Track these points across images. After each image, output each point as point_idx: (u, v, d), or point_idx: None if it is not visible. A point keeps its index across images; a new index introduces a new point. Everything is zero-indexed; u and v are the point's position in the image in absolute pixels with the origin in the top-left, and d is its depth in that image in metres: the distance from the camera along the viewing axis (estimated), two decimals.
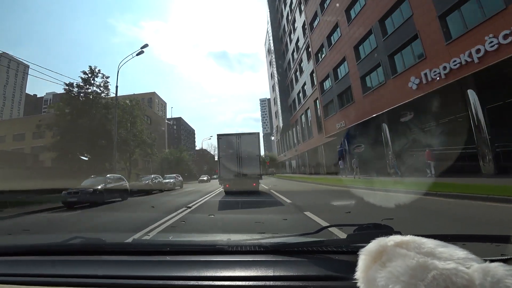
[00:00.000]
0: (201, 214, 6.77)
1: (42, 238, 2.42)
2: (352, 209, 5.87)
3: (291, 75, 42.36)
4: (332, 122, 22.31)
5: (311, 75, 31.61)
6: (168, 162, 42.72)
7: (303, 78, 35.18)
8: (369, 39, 17.03)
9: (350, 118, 19.18)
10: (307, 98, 33.50)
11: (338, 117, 21.04)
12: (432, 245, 0.58)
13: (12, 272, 1.01)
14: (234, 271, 0.90)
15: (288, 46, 43.56)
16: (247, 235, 1.43)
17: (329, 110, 23.29)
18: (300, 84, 36.57)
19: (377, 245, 0.64)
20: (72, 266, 1.03)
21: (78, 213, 8.99)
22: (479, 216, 4.67)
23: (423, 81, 12.44)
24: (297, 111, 39.89)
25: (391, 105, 14.83)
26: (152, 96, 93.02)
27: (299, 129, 39.18)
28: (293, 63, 40.15)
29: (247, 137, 11.19)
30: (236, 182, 11.02)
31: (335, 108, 21.74)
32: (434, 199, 6.50)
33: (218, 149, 11.45)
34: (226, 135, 11.67)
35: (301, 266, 0.92)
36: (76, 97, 21.75)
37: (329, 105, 23.14)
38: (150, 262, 1.02)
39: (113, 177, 13.51)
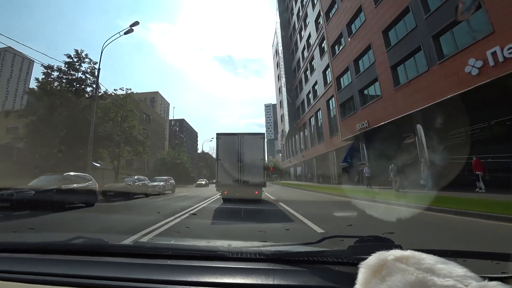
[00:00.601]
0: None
1: (44, 236, 2.57)
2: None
3: (300, 75, 39.43)
4: (350, 122, 19.12)
5: (324, 73, 28.65)
6: (165, 163, 39.60)
7: (314, 77, 32.20)
8: (404, 19, 13.97)
9: (376, 117, 15.99)
10: (318, 99, 30.43)
11: (359, 116, 17.87)
12: (431, 261, 0.58)
13: (14, 269, 1.00)
14: (234, 278, 0.89)
15: (298, 45, 40.81)
16: (248, 243, 1.44)
17: (347, 109, 20.14)
18: (311, 83, 33.57)
19: (377, 258, 0.63)
20: (73, 266, 1.03)
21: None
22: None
23: (490, 62, 9.28)
24: (305, 114, 36.80)
25: (434, 99, 11.64)
26: (155, 96, 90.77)
27: (307, 133, 36.01)
28: (303, 62, 37.28)
29: (250, 138, 9.73)
30: (236, 189, 9.59)
31: (355, 106, 18.60)
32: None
33: (216, 150, 9.93)
34: (226, 134, 10.11)
35: (301, 275, 0.91)
36: (55, 81, 18.87)
37: (347, 103, 19.99)
38: (150, 266, 1.02)
39: (75, 176, 10.42)
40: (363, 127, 17.22)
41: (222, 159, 9.68)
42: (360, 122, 17.50)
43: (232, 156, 9.53)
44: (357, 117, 18.11)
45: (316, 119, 31.77)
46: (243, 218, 6.62)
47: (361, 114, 17.77)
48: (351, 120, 19.09)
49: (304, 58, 36.98)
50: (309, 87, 34.55)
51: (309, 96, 35.34)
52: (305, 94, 36.32)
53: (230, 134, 10.04)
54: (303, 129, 38.51)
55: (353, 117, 18.79)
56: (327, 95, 27.30)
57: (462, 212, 5.86)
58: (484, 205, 6.18)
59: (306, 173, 38.33)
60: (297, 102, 42.08)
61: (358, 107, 18.15)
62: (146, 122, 50.43)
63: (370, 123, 16.59)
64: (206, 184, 33.90)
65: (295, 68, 43.12)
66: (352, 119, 18.92)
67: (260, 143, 9.74)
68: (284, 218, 6.51)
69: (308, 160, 36.00)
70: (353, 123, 18.54)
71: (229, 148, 9.62)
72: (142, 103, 49.69)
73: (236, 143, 9.59)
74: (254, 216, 6.91)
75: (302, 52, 38.09)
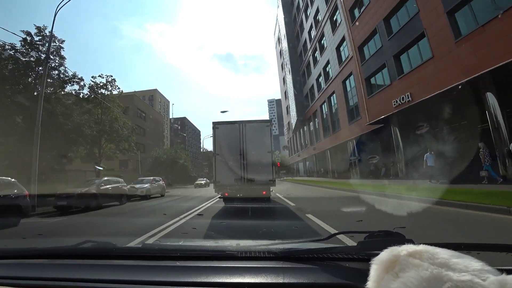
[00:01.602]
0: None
1: (54, 241, 2.82)
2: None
3: (307, 59, 35.14)
4: (382, 99, 14.92)
5: (338, 49, 24.38)
6: (161, 162, 35.77)
7: (325, 56, 27.93)
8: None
9: (423, 86, 11.79)
10: (331, 81, 26.18)
11: (395, 90, 13.67)
12: (446, 256, 0.56)
13: (25, 275, 1.00)
14: (243, 278, 0.89)
15: (303, 25, 36.49)
16: (257, 241, 1.42)
17: (376, 83, 15.89)
18: (321, 65, 29.30)
19: (389, 254, 0.62)
20: (82, 270, 1.03)
21: None
22: None
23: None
24: (315, 101, 32.56)
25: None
26: (154, 94, 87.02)
27: (319, 123, 31.80)
28: (311, 43, 33.00)
29: (254, 127, 8.26)
30: (239, 190, 8.05)
31: (388, 78, 14.36)
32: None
33: (213, 143, 8.45)
34: (225, 123, 8.60)
35: (311, 273, 0.90)
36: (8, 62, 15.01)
37: (376, 76, 15.75)
38: (159, 267, 1.01)
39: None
40: (403, 102, 13.00)
41: (220, 153, 8.15)
42: (399, 96, 13.29)
43: (233, 149, 8.07)
44: (393, 91, 13.90)
45: (330, 105, 27.54)
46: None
47: (398, 86, 13.56)
48: (383, 96, 14.87)
49: (312, 39, 32.68)
50: (319, 69, 30.27)
51: (319, 80, 31.08)
52: (314, 79, 32.05)
53: (230, 123, 8.48)
54: (313, 119, 34.30)
55: (386, 91, 14.56)
56: (343, 74, 23.07)
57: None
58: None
59: (318, 168, 34.18)
60: (305, 90, 37.84)
61: (393, 78, 13.92)
62: (141, 119, 46.62)
63: (414, 95, 12.37)
64: (206, 183, 30.00)
65: (301, 52, 38.81)
66: (384, 95, 14.70)
67: (266, 132, 8.19)
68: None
69: (320, 153, 31.82)
70: (387, 99, 14.34)
71: (229, 140, 8.18)
72: (136, 99, 45.88)
73: (237, 133, 8.12)
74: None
75: (309, 32, 33.78)
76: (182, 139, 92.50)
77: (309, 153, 37.16)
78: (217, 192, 8.36)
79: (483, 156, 9.54)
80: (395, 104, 13.52)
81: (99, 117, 20.92)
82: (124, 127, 21.83)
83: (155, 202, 13.32)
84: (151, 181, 16.42)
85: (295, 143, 47.59)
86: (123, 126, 21.87)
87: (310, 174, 38.09)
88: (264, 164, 7.90)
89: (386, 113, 14.19)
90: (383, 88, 14.79)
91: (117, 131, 20.52)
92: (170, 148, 42.63)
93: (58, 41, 17.62)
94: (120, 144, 21.53)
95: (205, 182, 30.31)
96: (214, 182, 8.28)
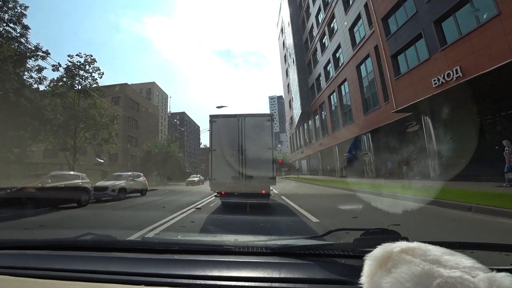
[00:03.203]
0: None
1: (55, 233, 2.87)
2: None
3: (314, 46, 32.03)
4: (416, 78, 11.88)
5: (351, 31, 21.35)
6: (152, 156, 32.76)
7: (335, 40, 24.86)
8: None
9: (483, 55, 8.74)
10: (342, 67, 23.13)
11: (438, 63, 10.62)
12: (438, 253, 0.58)
13: (26, 265, 1.01)
14: (240, 272, 0.90)
15: (310, 10, 33.39)
16: (254, 237, 1.48)
17: (407, 60, 12.81)
18: (330, 51, 26.24)
19: (382, 250, 0.63)
20: (83, 262, 1.03)
21: None
22: None
23: None
24: (322, 92, 29.52)
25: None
26: (152, 87, 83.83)
27: (326, 116, 28.79)
28: (318, 27, 29.90)
29: (254, 121, 7.60)
30: (237, 187, 7.36)
31: (427, 50, 11.28)
32: None
33: (210, 137, 7.73)
34: (223, 116, 7.97)
35: (307, 268, 0.91)
36: None
37: (407, 50, 12.65)
38: (158, 260, 1.02)
39: None
40: (448, 80, 9.97)
41: (217, 148, 7.59)
42: (441, 72, 10.26)
43: (231, 144, 7.57)
44: (433, 67, 10.87)
45: (340, 95, 24.51)
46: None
47: (441, 60, 10.52)
48: (416, 75, 11.81)
49: (319, 23, 29.59)
50: (327, 56, 27.20)
51: (327, 68, 28.03)
52: (322, 67, 28.97)
53: (228, 116, 7.96)
54: (319, 112, 31.28)
55: (421, 68, 11.50)
56: (357, 58, 20.06)
57: None
58: None
59: (324, 166, 31.23)
60: (310, 81, 34.79)
61: (434, 50, 10.85)
62: (134, 110, 43.45)
63: (466, 69, 9.32)
64: (200, 181, 27.03)
65: (306, 39, 35.69)
66: (419, 73, 11.65)
67: (267, 127, 7.57)
68: None
69: (326, 149, 28.84)
70: (423, 78, 11.31)
71: (227, 134, 7.66)
72: (129, 88, 42.76)
73: (235, 127, 7.61)
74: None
75: (316, 16, 30.68)
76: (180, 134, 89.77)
77: (313, 150, 34.18)
78: (213, 190, 7.78)
79: (508, 155, 8.21)
80: (436, 83, 10.49)
81: (75, 102, 17.98)
82: (104, 115, 18.84)
83: (121, 204, 10.42)
84: (127, 177, 13.45)
85: (298, 139, 44.60)
86: (103, 113, 18.88)
87: (314, 172, 35.14)
88: (264, 161, 7.40)
89: (423, 96, 11.12)
90: (418, 65, 11.72)
91: (94, 118, 17.51)
92: (163, 141, 39.52)
93: (20, 7, 14.71)
94: (99, 134, 18.55)
95: (198, 179, 27.28)
96: (209, 179, 7.72)
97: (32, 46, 14.39)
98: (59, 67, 18.33)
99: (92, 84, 19.37)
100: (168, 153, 34.12)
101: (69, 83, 18.70)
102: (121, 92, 40.52)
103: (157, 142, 34.95)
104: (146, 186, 15.16)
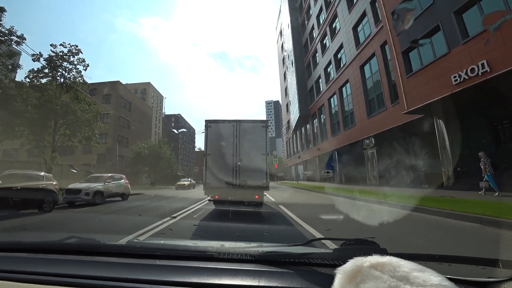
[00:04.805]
0: None
1: (39, 236, 2.65)
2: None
3: (314, 47, 31.02)
4: (432, 75, 10.69)
5: (355, 29, 20.29)
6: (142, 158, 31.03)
7: (337, 40, 23.83)
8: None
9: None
10: (344, 67, 22.01)
11: (459, 58, 9.41)
12: (407, 269, 0.56)
13: (7, 268, 0.99)
14: (221, 279, 0.89)
15: (310, 11, 32.52)
16: (239, 243, 1.45)
17: (420, 57, 11.62)
18: (331, 51, 25.19)
19: (353, 264, 0.63)
20: (66, 266, 1.02)
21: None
22: None
23: None
24: (322, 94, 28.38)
25: None
26: (147, 87, 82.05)
27: (325, 119, 27.61)
28: (319, 28, 28.93)
29: (250, 127, 7.75)
30: (230, 192, 7.42)
31: (445, 44, 10.08)
32: None
33: (205, 142, 7.79)
34: (218, 121, 7.90)
35: (285, 277, 0.91)
36: None
37: (421, 47, 11.47)
38: (140, 265, 1.01)
39: None
40: (472, 75, 8.75)
41: (212, 153, 7.65)
42: (463, 67, 9.05)
43: (226, 149, 7.62)
44: (452, 62, 9.66)
45: (340, 98, 23.35)
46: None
47: (462, 54, 9.33)
48: (432, 71, 10.61)
49: (320, 24, 28.63)
50: (328, 57, 26.15)
51: (327, 70, 26.95)
52: (322, 69, 27.87)
53: (224, 121, 7.86)
54: (318, 115, 30.12)
55: (439, 64, 10.29)
56: (361, 57, 18.96)
57: None
58: None
59: (321, 172, 29.92)
60: (309, 83, 33.71)
61: (454, 44, 9.65)
62: (125, 109, 41.70)
63: (495, 64, 8.11)
64: (191, 185, 25.37)
65: (306, 41, 34.70)
66: (435, 70, 10.45)
67: (262, 133, 7.67)
68: None
69: (325, 154, 27.58)
70: (440, 75, 10.11)
71: (222, 139, 7.71)
72: (120, 86, 41.12)
73: (231, 132, 7.64)
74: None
75: (317, 17, 29.73)
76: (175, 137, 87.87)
77: (311, 154, 32.91)
78: (206, 194, 7.74)
79: (484, 165, 8.54)
80: (456, 80, 9.27)
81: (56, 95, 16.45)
82: (87, 110, 17.29)
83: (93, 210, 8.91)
84: (105, 180, 11.89)
85: (295, 144, 43.34)
86: (86, 109, 17.32)
87: (312, 178, 33.80)
88: (258, 167, 7.49)
89: (440, 94, 9.90)
90: (434, 60, 10.52)
91: (75, 113, 15.94)
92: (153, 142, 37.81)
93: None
94: (80, 131, 16.96)
95: (189, 183, 25.61)
96: (204, 184, 7.87)
97: (5, 29, 12.89)
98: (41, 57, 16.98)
99: (77, 77, 17.93)
100: (159, 154, 32.42)
101: (51, 75, 17.24)
102: (112, 90, 38.86)
103: (147, 142, 33.20)
104: (129, 189, 13.61)
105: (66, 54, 17.27)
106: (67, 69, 17.62)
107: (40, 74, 16.99)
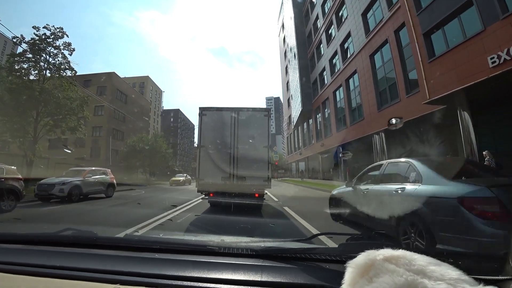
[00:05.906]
0: None
1: (34, 227, 2.47)
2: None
3: (318, 38, 29.48)
4: (462, 58, 9.22)
5: (365, 15, 18.77)
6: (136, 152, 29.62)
7: (344, 29, 22.30)
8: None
9: None
10: (352, 57, 20.51)
11: (499, 36, 7.94)
12: (423, 263, 0.54)
13: (2, 260, 0.97)
14: (221, 274, 0.87)
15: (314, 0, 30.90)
16: (240, 238, 1.40)
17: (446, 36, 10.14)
18: (337, 41, 23.68)
19: (365, 258, 0.60)
20: (62, 258, 1.00)
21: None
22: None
23: None
24: (326, 87, 26.91)
25: None
26: (145, 81, 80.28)
27: (330, 113, 26.18)
28: (324, 17, 27.37)
29: (250, 115, 7.06)
30: (227, 189, 6.73)
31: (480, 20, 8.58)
32: None
33: (199, 132, 7.10)
34: (214, 109, 7.18)
35: (289, 272, 0.88)
36: None
37: (445, 26, 10.00)
38: (138, 259, 0.98)
39: None
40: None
41: (206, 145, 6.91)
42: (505, 47, 7.59)
43: (222, 141, 6.92)
44: (488, 41, 8.20)
45: (347, 90, 21.88)
46: None
47: (501, 31, 7.87)
48: (461, 53, 9.15)
49: (326, 12, 27.07)
50: (334, 47, 24.63)
51: (333, 61, 25.46)
52: (327, 60, 26.37)
53: (220, 109, 7.12)
54: (322, 109, 28.66)
55: (471, 45, 8.82)
56: (372, 45, 17.47)
57: None
58: None
59: (324, 169, 28.57)
60: (312, 76, 32.23)
61: (490, 21, 8.15)
62: (121, 102, 40.16)
63: None
64: (186, 180, 24.08)
65: (310, 32, 33.12)
66: (466, 52, 8.97)
67: (263, 123, 7.02)
68: None
69: (328, 150, 26.18)
70: (472, 57, 8.65)
71: (218, 130, 6.97)
72: (116, 78, 39.55)
73: (228, 122, 6.92)
74: None
75: (322, 5, 28.13)
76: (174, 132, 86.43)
77: (313, 151, 31.50)
78: (200, 192, 7.07)
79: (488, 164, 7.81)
80: (495, 62, 7.82)
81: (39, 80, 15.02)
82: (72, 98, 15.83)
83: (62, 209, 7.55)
84: (84, 174, 10.50)
85: (296, 140, 41.95)
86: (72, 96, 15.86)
87: (314, 175, 32.46)
88: (259, 161, 6.81)
89: (472, 80, 8.46)
90: (464, 41, 9.05)
91: (58, 100, 14.46)
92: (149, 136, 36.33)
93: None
94: (65, 121, 15.53)
95: (184, 178, 24.31)
96: (196, 179, 7.06)
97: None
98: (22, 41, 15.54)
99: (63, 62, 16.48)
100: (155, 149, 30.99)
101: (33, 60, 15.79)
102: (107, 82, 37.31)
103: (142, 136, 31.76)
104: (114, 185, 12.23)
105: (49, 37, 15.80)
106: (52, 53, 16.20)
107: (22, 58, 15.60)
